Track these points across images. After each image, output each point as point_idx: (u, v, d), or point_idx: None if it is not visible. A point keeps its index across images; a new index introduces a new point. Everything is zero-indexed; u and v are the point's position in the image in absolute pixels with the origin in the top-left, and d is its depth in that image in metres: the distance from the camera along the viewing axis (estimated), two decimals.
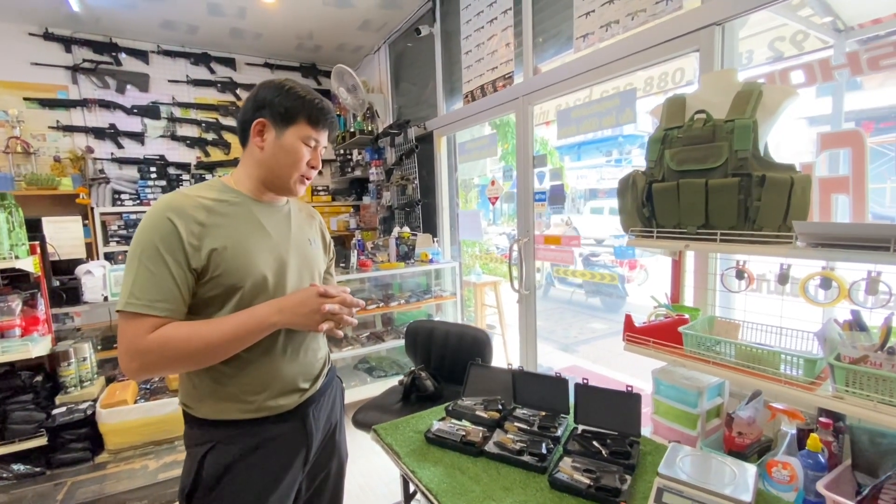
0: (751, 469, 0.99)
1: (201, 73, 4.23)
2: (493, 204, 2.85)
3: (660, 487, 0.96)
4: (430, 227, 3.55)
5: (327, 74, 4.62)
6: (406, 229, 3.39)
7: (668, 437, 1.47)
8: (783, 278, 1.24)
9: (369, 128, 4.15)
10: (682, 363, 1.31)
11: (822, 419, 1.20)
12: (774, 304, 1.33)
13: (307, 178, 1.05)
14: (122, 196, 3.76)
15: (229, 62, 4.32)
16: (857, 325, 1.09)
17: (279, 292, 0.99)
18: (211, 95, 4.28)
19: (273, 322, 0.93)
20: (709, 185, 1.21)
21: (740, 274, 1.35)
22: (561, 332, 5.26)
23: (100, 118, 3.84)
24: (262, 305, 0.94)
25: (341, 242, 4.72)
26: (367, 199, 4.39)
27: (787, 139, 1.24)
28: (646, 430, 1.48)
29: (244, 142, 1.04)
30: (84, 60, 3.74)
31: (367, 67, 4.47)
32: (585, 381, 1.29)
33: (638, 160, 10.03)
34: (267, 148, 1.00)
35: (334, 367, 1.25)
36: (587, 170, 11.51)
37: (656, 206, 1.35)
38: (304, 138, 1.00)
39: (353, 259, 3.00)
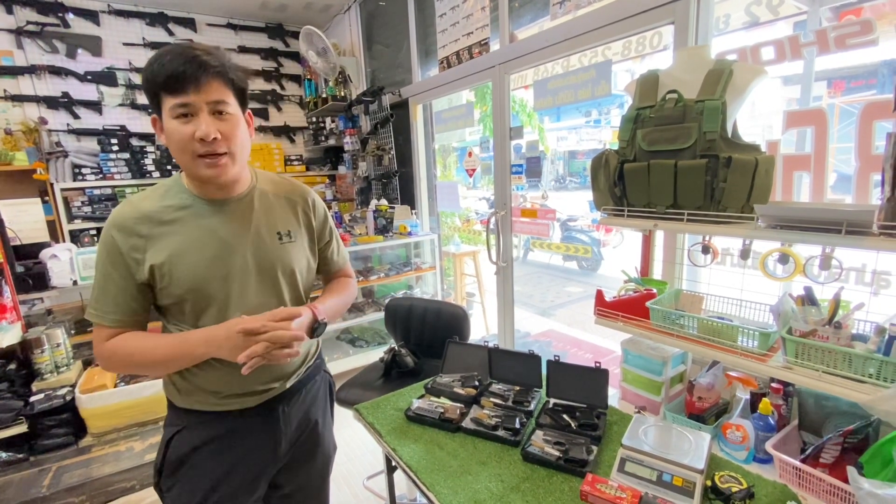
0: (706, 437, 1.07)
1: (159, 34, 3.95)
2: (471, 176, 2.83)
3: (623, 457, 1.04)
4: (408, 199, 3.51)
5: (296, 36, 4.38)
6: (384, 202, 3.35)
7: (635, 402, 1.56)
8: (745, 253, 1.30)
9: (342, 93, 3.99)
10: (648, 336, 1.38)
11: (773, 384, 1.29)
12: (737, 277, 1.39)
13: (212, 156, 0.88)
14: (84, 170, 3.58)
15: (189, 22, 4.04)
16: (809, 299, 1.16)
17: (235, 300, 0.96)
18: None
19: (201, 353, 0.91)
20: (678, 166, 1.23)
21: (706, 249, 1.41)
22: (538, 296, 5.39)
23: (51, 86, 3.59)
24: (197, 332, 0.92)
25: None
26: (342, 169, 4.29)
27: (759, 98, 1.25)
28: (614, 396, 1.57)
29: None
30: (28, 22, 3.44)
31: (337, 28, 4.25)
32: (557, 357, 1.34)
33: (617, 121, 9.97)
34: (166, 142, 0.91)
35: (322, 362, 1.23)
36: (566, 131, 11.43)
37: (627, 185, 1.37)
38: (171, 111, 0.86)
39: None
